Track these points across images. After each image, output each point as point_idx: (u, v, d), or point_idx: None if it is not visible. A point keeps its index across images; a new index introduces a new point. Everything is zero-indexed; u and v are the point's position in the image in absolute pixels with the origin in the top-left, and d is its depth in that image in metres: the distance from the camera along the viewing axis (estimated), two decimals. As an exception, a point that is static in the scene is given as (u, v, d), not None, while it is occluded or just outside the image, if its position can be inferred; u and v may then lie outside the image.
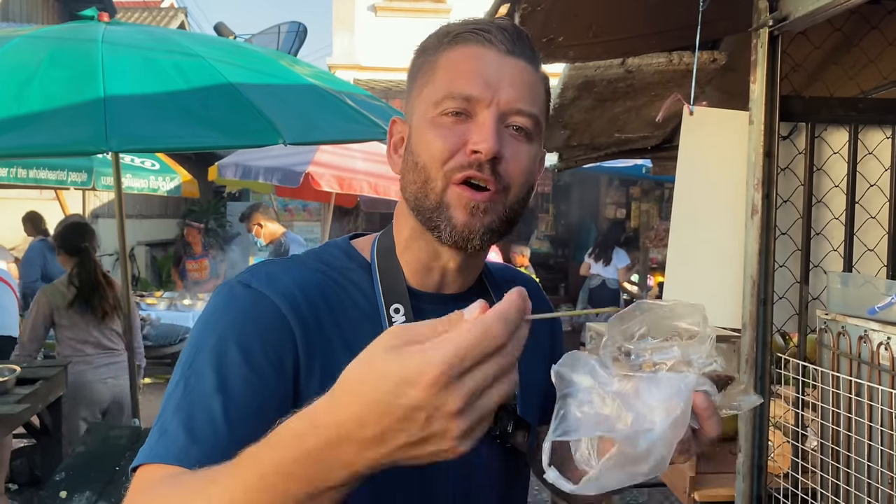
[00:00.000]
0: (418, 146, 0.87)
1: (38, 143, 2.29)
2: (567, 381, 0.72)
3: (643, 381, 0.71)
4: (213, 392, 0.76)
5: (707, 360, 0.73)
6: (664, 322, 0.74)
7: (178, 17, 14.66)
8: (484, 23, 0.88)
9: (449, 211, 0.85)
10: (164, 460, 0.72)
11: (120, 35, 2.77)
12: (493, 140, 0.82)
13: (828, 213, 2.04)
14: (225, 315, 0.83)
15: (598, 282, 8.28)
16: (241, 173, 6.80)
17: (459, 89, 0.84)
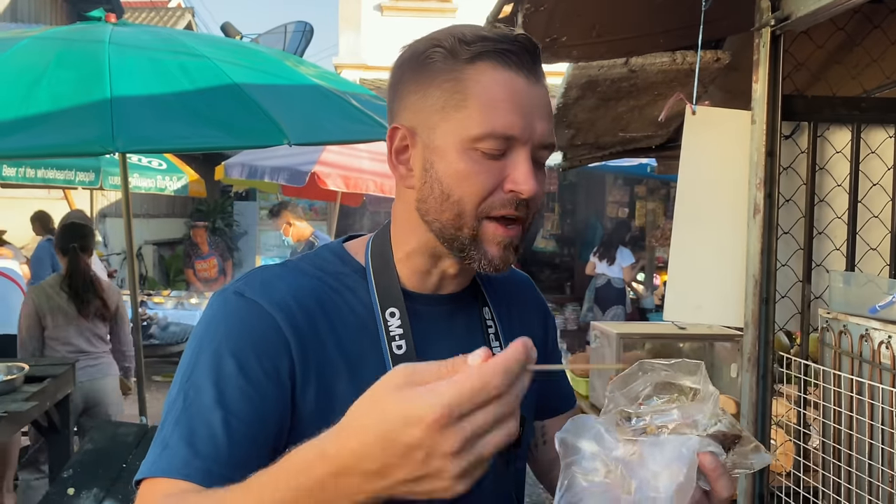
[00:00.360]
0: (449, 177, 0.85)
1: (45, 144, 2.32)
2: (572, 449, 0.73)
3: (647, 446, 0.72)
4: (212, 405, 0.78)
5: (711, 421, 0.72)
6: (667, 381, 0.74)
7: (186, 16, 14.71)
8: (505, 39, 0.85)
9: (483, 245, 0.86)
10: (167, 474, 0.75)
11: (126, 36, 2.80)
12: (533, 182, 0.84)
13: (830, 212, 2.04)
14: (220, 326, 0.84)
15: (604, 281, 8.28)
16: (248, 173, 6.84)
17: (502, 129, 0.83)
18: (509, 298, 1.06)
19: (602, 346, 3.57)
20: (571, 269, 11.46)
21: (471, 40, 0.84)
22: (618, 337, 3.33)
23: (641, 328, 3.58)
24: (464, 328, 0.97)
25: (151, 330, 5.44)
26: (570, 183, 10.91)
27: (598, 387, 3.58)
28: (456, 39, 0.85)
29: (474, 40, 0.84)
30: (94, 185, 6.69)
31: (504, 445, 0.58)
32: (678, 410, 0.72)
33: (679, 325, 3.40)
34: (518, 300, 1.08)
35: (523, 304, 1.09)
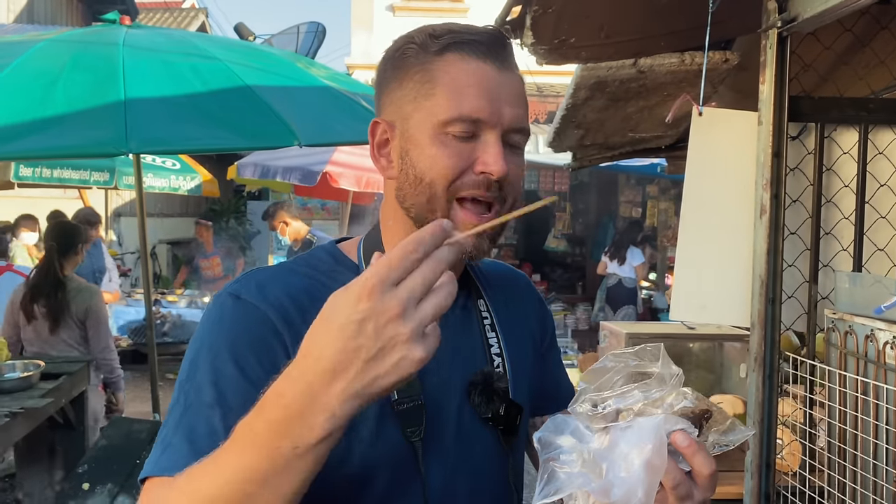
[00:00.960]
0: (421, 161, 0.88)
1: (61, 145, 2.36)
2: (551, 446, 0.75)
3: (617, 432, 0.73)
4: (213, 405, 0.80)
5: (676, 399, 0.73)
6: (637, 371, 0.75)
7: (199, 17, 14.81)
8: (474, 32, 0.89)
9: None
10: (169, 472, 0.76)
11: (140, 38, 2.84)
12: (502, 162, 0.86)
13: (837, 212, 2.04)
14: (218, 328, 0.87)
15: (615, 280, 8.28)
16: (260, 173, 6.89)
17: (468, 112, 0.86)
18: (505, 292, 1.08)
19: (611, 345, 3.58)
20: (583, 268, 11.46)
21: (440, 34, 0.89)
22: (627, 336, 3.34)
23: (650, 328, 3.59)
24: (459, 320, 0.99)
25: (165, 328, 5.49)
26: (582, 183, 10.90)
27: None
28: (427, 34, 0.90)
29: (443, 34, 0.89)
30: (109, 184, 6.76)
31: (446, 306, 0.62)
32: (639, 391, 0.74)
33: (688, 325, 3.40)
34: (514, 294, 1.10)
35: (519, 298, 1.11)
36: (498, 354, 0.99)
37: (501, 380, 0.95)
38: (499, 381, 0.95)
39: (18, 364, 3.39)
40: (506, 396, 0.95)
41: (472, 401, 0.93)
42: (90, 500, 2.68)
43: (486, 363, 0.98)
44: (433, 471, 0.91)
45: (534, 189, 10.34)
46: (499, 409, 0.93)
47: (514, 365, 1.01)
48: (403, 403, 0.87)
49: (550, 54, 2.30)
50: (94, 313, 3.88)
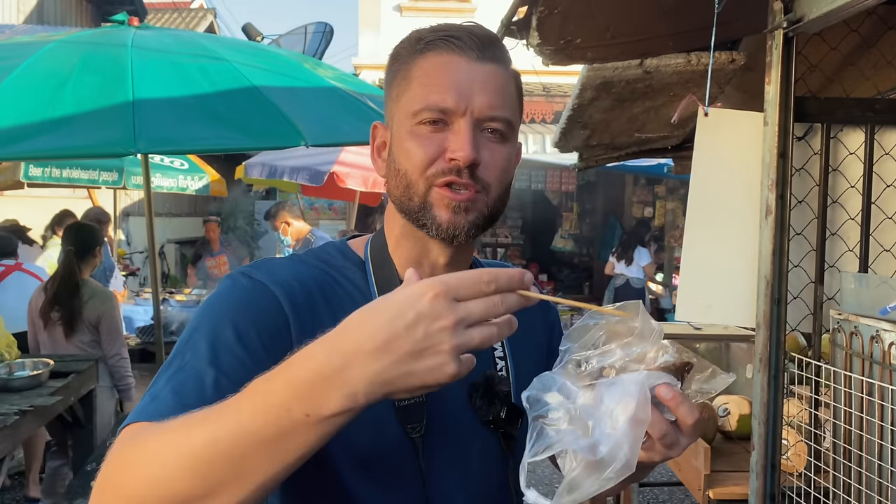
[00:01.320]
0: (399, 154, 0.92)
1: (69, 146, 2.39)
2: (539, 403, 0.76)
3: (602, 388, 0.74)
4: (206, 365, 0.79)
5: (657, 354, 0.75)
6: (618, 327, 0.76)
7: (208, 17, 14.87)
8: (454, 29, 0.91)
9: (433, 210, 0.89)
10: (151, 419, 0.74)
11: (149, 40, 2.86)
12: (469, 148, 0.87)
13: (843, 213, 2.04)
14: (224, 300, 0.87)
15: (623, 281, 8.27)
16: (268, 173, 6.92)
17: (435, 101, 0.88)
18: None
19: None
20: (590, 268, 11.44)
21: (423, 35, 0.92)
22: (633, 337, 3.34)
23: (657, 328, 3.58)
24: None
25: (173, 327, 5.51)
26: (589, 182, 10.89)
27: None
28: (414, 38, 0.93)
29: (426, 35, 0.91)
30: (118, 184, 6.80)
31: (490, 342, 0.65)
32: (620, 349, 0.75)
33: (695, 326, 3.40)
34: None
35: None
36: (501, 358, 1.01)
37: (503, 383, 0.96)
38: (500, 384, 0.96)
39: (28, 362, 3.41)
40: (507, 400, 0.96)
41: (474, 403, 0.94)
42: (98, 497, 2.70)
43: (489, 366, 0.98)
44: (433, 468, 0.91)
45: (541, 189, 10.33)
46: (499, 412, 0.94)
47: (519, 368, 1.01)
48: (405, 399, 0.87)
49: (556, 55, 2.30)
50: (107, 319, 3.86)
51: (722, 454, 2.46)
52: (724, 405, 2.68)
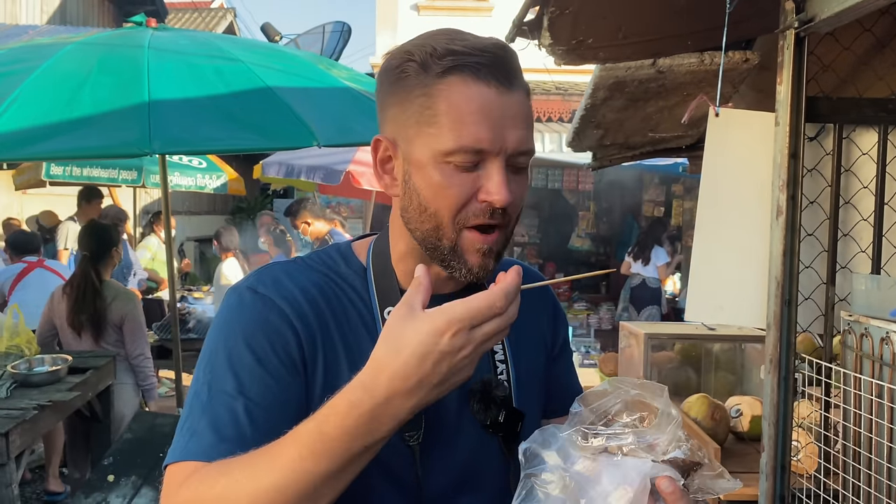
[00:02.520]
0: (426, 189, 0.88)
1: (87, 146, 2.43)
2: (535, 459, 0.77)
3: (604, 465, 0.74)
4: (235, 394, 0.85)
5: (670, 446, 0.74)
6: (637, 400, 0.76)
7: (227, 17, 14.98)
8: (475, 49, 0.86)
9: (464, 256, 0.89)
10: (196, 458, 0.81)
11: (165, 41, 2.90)
12: (505, 192, 0.86)
13: (856, 214, 2.02)
14: (236, 320, 0.90)
15: (639, 281, 8.23)
16: (285, 172, 6.97)
17: (471, 143, 0.84)
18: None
19: (630, 345, 3.57)
20: (607, 268, 11.38)
21: (441, 54, 0.86)
22: (646, 337, 3.33)
23: (670, 328, 3.57)
24: None
25: (190, 325, 5.57)
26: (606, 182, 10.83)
27: (627, 387, 3.59)
28: (427, 53, 0.86)
29: (444, 54, 0.86)
30: (137, 183, 6.89)
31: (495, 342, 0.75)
32: (633, 435, 0.74)
33: (709, 326, 3.38)
34: (526, 299, 1.10)
35: (532, 303, 1.10)
36: (502, 361, 1.01)
37: (500, 388, 0.96)
38: (497, 388, 0.96)
39: (47, 358, 3.48)
40: (504, 404, 0.96)
41: (472, 408, 0.95)
42: (115, 491, 2.75)
43: (489, 370, 0.99)
44: (431, 475, 0.92)
45: (557, 188, 10.30)
46: (497, 416, 0.94)
47: (520, 372, 1.02)
48: None
49: (568, 55, 2.30)
50: (130, 320, 3.88)
51: (733, 455, 2.45)
52: (737, 406, 2.67)
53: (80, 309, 3.79)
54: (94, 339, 3.84)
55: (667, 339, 3.38)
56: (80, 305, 3.79)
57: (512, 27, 2.19)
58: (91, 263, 3.82)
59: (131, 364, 3.93)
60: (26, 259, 5.07)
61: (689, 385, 3.28)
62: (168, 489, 0.82)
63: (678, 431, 0.75)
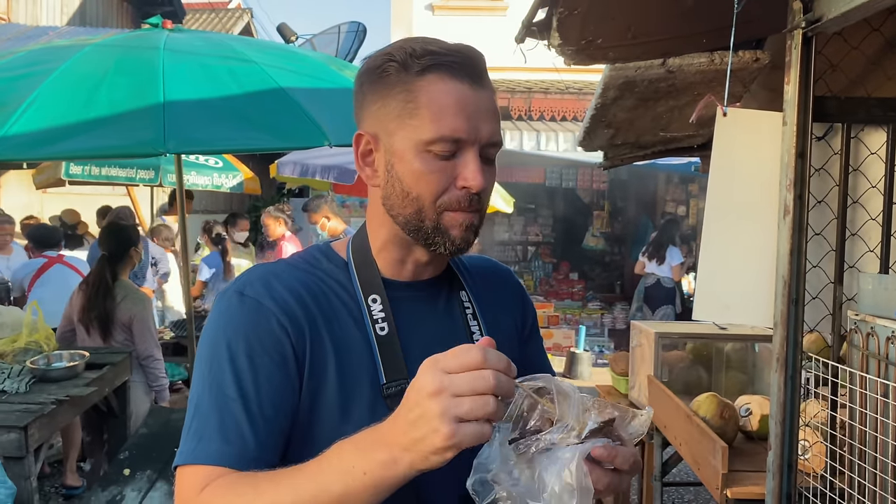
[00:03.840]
0: (408, 176, 0.96)
1: (103, 146, 2.48)
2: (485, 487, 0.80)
3: (538, 465, 0.79)
4: (234, 397, 0.91)
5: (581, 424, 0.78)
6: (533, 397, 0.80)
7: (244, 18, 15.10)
8: (449, 50, 0.95)
9: (448, 232, 0.97)
10: (207, 461, 0.88)
11: (180, 42, 2.94)
12: (480, 178, 0.95)
13: (864, 213, 2.02)
14: (227, 324, 0.95)
15: (653, 280, 8.20)
16: (300, 171, 7.02)
17: (450, 133, 0.93)
18: (486, 283, 1.16)
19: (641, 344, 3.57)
20: (621, 267, 11.36)
21: (420, 54, 0.95)
22: (657, 336, 3.33)
23: (681, 328, 3.57)
24: (443, 310, 1.07)
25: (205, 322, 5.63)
26: (620, 181, 10.80)
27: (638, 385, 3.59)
28: (407, 54, 0.95)
29: (423, 54, 0.95)
30: (154, 182, 6.97)
31: (482, 415, 0.75)
32: (547, 435, 0.79)
33: (720, 326, 3.38)
34: (496, 284, 1.18)
35: (501, 287, 1.18)
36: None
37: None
38: None
39: (65, 354, 3.54)
40: None
41: None
42: (131, 484, 2.80)
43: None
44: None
45: (572, 187, 10.29)
46: None
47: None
48: (392, 387, 0.95)
49: (578, 55, 2.32)
50: (139, 321, 3.93)
51: (742, 454, 2.46)
52: (747, 405, 2.67)
53: (91, 306, 3.86)
54: (102, 338, 3.91)
55: (678, 339, 3.38)
56: (91, 303, 3.86)
57: (521, 28, 2.21)
58: (108, 263, 3.89)
59: (141, 365, 3.98)
60: (47, 254, 5.14)
61: (701, 384, 3.28)
62: (185, 493, 0.88)
63: (579, 405, 0.79)
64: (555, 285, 10.69)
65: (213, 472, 0.87)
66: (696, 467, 2.51)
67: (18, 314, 4.01)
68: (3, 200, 9.16)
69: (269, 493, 0.82)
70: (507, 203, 7.43)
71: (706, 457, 2.37)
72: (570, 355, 7.79)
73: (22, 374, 3.27)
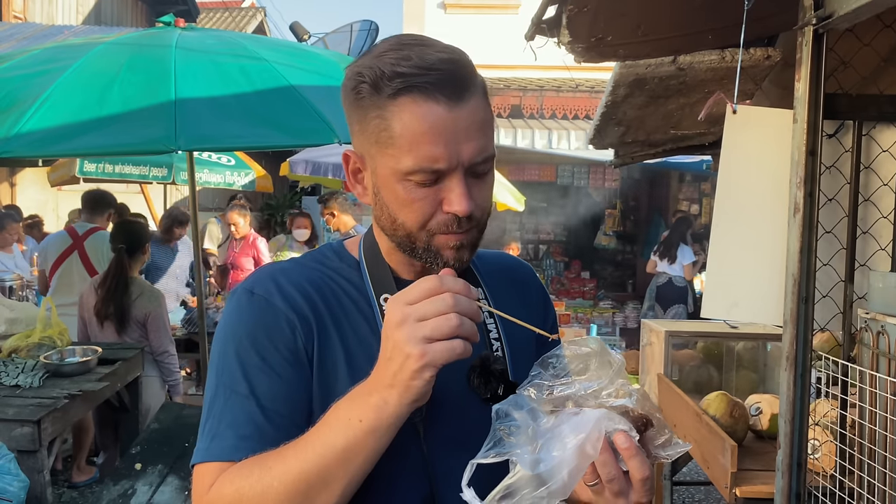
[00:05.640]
0: (393, 203, 0.93)
1: (116, 143, 2.51)
2: (507, 417, 0.81)
3: (563, 416, 0.79)
4: (247, 394, 0.92)
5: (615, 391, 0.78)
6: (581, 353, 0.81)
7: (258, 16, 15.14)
8: (421, 70, 0.88)
9: (440, 253, 0.95)
10: (221, 458, 0.89)
11: (192, 40, 2.96)
12: (466, 202, 0.90)
13: (875, 211, 2.01)
14: (238, 323, 0.97)
15: (665, 279, 8.16)
16: (311, 169, 7.04)
17: (427, 164, 0.88)
18: (505, 280, 1.14)
19: (652, 343, 3.57)
20: (633, 266, 11.32)
21: (390, 76, 0.88)
22: (667, 335, 3.33)
23: (691, 326, 3.56)
24: None
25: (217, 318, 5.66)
26: (632, 179, 10.76)
27: (648, 383, 3.58)
28: (377, 75, 0.89)
29: (392, 76, 0.88)
30: (167, 180, 7.01)
31: (448, 331, 0.79)
32: (578, 382, 0.79)
33: (731, 324, 3.36)
34: (515, 282, 1.16)
35: (522, 286, 1.17)
36: (497, 339, 1.06)
37: (499, 362, 1.00)
38: (496, 363, 0.99)
39: (78, 349, 3.58)
40: (503, 377, 0.99)
41: (472, 383, 0.98)
42: (142, 479, 2.82)
43: (484, 347, 1.03)
44: (436, 451, 0.97)
45: (584, 185, 10.26)
46: (497, 389, 0.97)
47: (514, 348, 1.06)
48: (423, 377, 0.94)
49: (588, 52, 2.31)
50: (154, 317, 3.98)
51: (752, 453, 2.45)
52: (757, 404, 2.66)
53: (110, 298, 3.90)
54: (116, 333, 3.95)
55: (688, 338, 3.37)
56: (111, 294, 3.89)
57: (531, 25, 2.21)
58: (126, 257, 3.93)
59: (156, 361, 4.05)
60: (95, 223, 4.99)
61: (711, 383, 3.27)
62: (198, 490, 0.90)
63: (619, 378, 0.79)
64: (566, 284, 10.67)
65: (225, 467, 0.88)
66: (705, 466, 2.50)
67: (32, 310, 4.05)
68: (18, 198, 9.26)
69: (277, 467, 0.84)
70: (519, 201, 7.42)
71: (716, 455, 2.37)
72: (580, 354, 7.75)
73: (35, 368, 3.30)
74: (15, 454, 2.73)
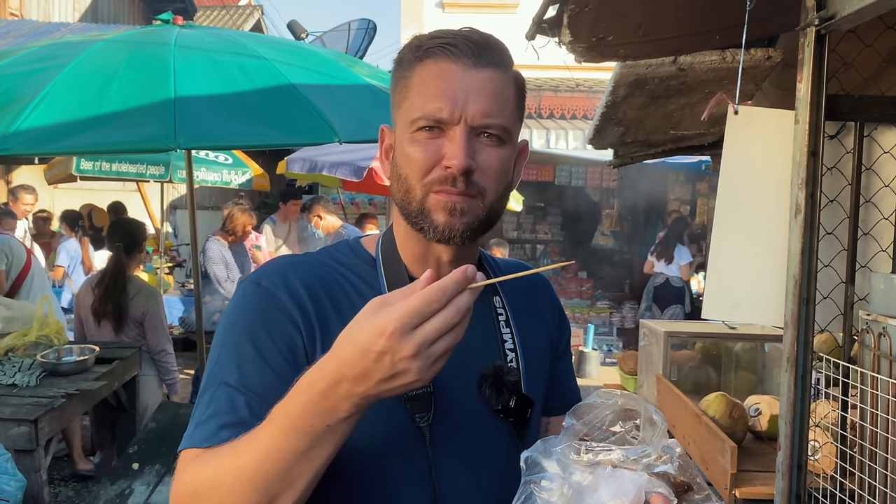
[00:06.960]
0: (400, 159, 0.95)
1: (114, 141, 2.49)
2: (536, 467, 0.79)
3: (601, 476, 0.76)
4: (237, 386, 0.90)
5: (660, 460, 0.76)
6: (626, 408, 0.78)
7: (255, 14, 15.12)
8: (451, 35, 0.93)
9: (431, 215, 0.93)
10: (199, 445, 0.88)
11: (191, 38, 2.95)
12: (462, 156, 0.90)
13: (877, 213, 2.01)
14: (240, 313, 0.95)
15: (662, 280, 8.17)
16: (309, 167, 7.03)
17: (430, 111, 0.91)
18: (523, 292, 1.12)
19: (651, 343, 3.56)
20: (631, 266, 11.32)
21: (419, 44, 0.94)
22: (665, 335, 3.32)
23: (690, 327, 3.56)
24: (473, 316, 1.02)
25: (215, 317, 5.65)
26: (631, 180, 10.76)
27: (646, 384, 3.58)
28: (414, 45, 0.95)
29: (422, 44, 0.94)
30: (164, 178, 7.00)
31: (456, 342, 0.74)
32: (621, 450, 0.77)
33: (730, 325, 3.36)
34: (533, 296, 1.14)
35: (538, 300, 1.15)
36: (511, 350, 1.03)
37: (512, 373, 0.99)
38: (509, 374, 0.98)
39: (75, 348, 3.57)
40: (516, 389, 0.98)
41: (483, 392, 0.97)
42: (139, 478, 2.81)
43: (498, 357, 1.01)
44: (441, 456, 0.95)
45: (581, 185, 10.26)
46: (509, 401, 0.96)
47: (529, 360, 1.04)
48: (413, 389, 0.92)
49: (588, 52, 2.31)
50: (151, 316, 3.98)
51: (751, 454, 2.45)
52: (756, 405, 2.66)
53: (108, 296, 3.89)
54: (114, 331, 3.94)
55: (687, 338, 3.37)
56: (109, 292, 3.88)
57: (532, 25, 2.20)
58: (124, 255, 3.92)
59: (154, 360, 4.04)
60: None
61: (710, 384, 3.26)
62: (177, 473, 0.89)
63: (663, 441, 0.77)
64: (563, 284, 10.66)
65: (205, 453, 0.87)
66: (704, 467, 2.49)
67: (30, 308, 4.04)
68: (14, 195, 9.22)
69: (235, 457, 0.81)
70: (517, 201, 7.43)
71: (715, 456, 2.36)
72: (578, 354, 7.77)
73: (32, 367, 3.29)
74: (12, 453, 2.72)
